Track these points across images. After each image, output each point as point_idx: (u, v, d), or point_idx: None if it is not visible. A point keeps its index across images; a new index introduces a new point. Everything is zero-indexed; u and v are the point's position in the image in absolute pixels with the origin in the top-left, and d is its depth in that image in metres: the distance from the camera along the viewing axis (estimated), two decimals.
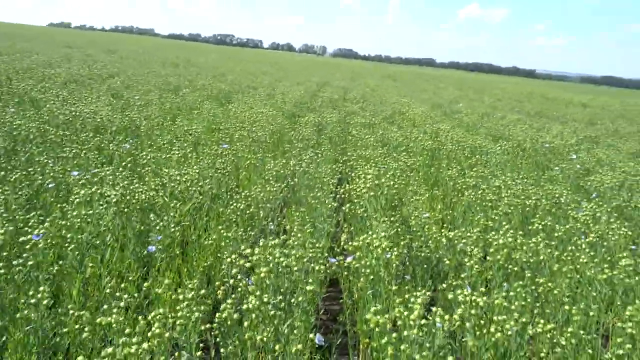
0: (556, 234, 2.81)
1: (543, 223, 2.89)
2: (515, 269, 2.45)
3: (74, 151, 3.49)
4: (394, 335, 1.65)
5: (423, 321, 1.68)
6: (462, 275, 2.23)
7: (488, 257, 2.52)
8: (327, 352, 2.73)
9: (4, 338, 1.77)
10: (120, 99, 6.78)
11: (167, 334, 1.59)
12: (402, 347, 1.62)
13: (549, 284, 2.26)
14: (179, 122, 5.24)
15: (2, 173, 2.96)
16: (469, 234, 2.69)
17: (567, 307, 2.06)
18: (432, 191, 4.25)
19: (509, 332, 1.81)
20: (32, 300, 1.73)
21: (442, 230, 2.85)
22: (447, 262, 2.55)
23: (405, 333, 1.61)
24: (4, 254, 1.83)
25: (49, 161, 3.25)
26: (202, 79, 11.39)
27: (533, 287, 2.29)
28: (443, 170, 4.40)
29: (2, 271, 1.75)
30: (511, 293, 2.01)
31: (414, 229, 3.10)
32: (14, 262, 1.84)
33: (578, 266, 2.41)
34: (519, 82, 47.21)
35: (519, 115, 10.88)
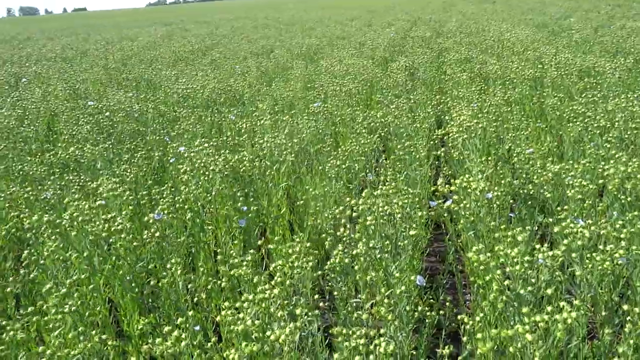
0: None
1: None
2: (629, 199, 2.32)
3: (183, 127, 3.88)
4: (498, 272, 1.72)
5: (527, 257, 1.71)
6: (565, 208, 2.18)
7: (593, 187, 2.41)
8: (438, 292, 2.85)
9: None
10: (222, 69, 7.21)
11: (287, 282, 1.83)
12: (506, 282, 1.68)
13: None
14: (274, 86, 5.47)
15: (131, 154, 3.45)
16: (575, 166, 2.57)
17: None
18: (536, 124, 4.03)
19: (619, 262, 1.77)
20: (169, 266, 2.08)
21: (547, 165, 2.74)
22: (549, 196, 2.49)
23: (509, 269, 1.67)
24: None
25: (166, 138, 3.69)
26: (293, 37, 11.55)
27: None
28: (547, 99, 4.12)
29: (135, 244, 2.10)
30: (619, 222, 1.93)
31: (517, 165, 3.02)
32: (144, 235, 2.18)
33: None
34: None
35: None
